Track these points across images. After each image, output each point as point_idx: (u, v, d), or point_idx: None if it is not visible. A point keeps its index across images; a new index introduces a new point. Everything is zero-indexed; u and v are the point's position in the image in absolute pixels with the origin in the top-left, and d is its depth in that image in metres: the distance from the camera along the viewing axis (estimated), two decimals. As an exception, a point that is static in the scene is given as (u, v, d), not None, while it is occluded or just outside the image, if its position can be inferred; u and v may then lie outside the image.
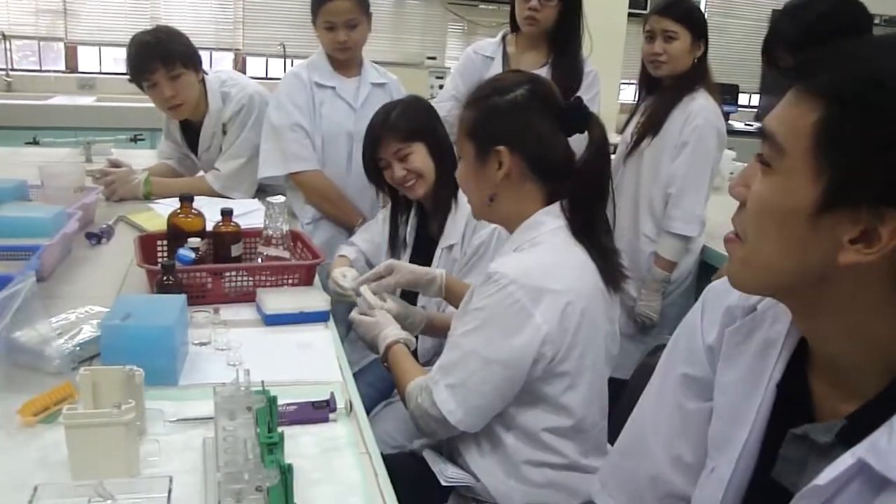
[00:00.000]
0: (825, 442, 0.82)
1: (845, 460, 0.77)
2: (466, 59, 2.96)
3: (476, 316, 1.50)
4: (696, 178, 2.70)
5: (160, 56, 2.56)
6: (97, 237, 2.22)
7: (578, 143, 1.58)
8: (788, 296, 0.86)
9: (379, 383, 2.13)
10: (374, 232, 2.38)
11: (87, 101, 4.66)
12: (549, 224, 1.55)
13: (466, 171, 1.61)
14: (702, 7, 5.63)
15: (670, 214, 2.73)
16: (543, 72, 2.73)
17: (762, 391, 0.92)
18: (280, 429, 1.13)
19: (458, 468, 1.60)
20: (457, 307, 1.76)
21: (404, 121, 2.12)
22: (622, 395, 1.62)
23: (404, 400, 1.63)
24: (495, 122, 1.55)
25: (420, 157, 2.11)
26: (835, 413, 0.85)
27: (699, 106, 2.68)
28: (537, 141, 1.55)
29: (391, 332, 1.74)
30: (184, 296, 1.57)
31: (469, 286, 1.84)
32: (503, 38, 2.93)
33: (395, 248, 2.27)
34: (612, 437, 1.40)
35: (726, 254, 0.90)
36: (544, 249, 1.52)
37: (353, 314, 1.85)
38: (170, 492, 1.01)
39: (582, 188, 1.55)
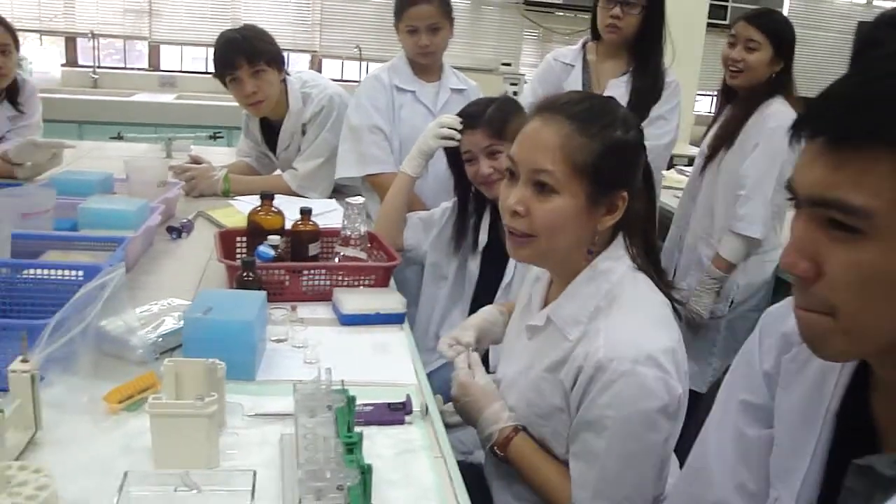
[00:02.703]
0: (892, 475, 0.79)
1: None
2: (546, 65, 2.94)
3: (609, 417, 1.28)
4: (763, 178, 2.64)
5: (245, 52, 2.61)
6: (178, 231, 2.26)
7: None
8: (873, 353, 0.81)
9: (448, 387, 2.11)
10: (427, 223, 2.35)
11: (168, 98, 4.79)
12: (616, 270, 1.37)
13: (567, 210, 1.32)
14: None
15: (736, 214, 2.68)
16: (624, 80, 2.70)
17: (820, 421, 0.90)
18: (357, 429, 1.13)
19: None
20: None
21: (501, 117, 2.08)
22: (697, 408, 1.57)
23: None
24: (622, 161, 1.35)
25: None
26: None
27: (774, 110, 2.65)
28: (639, 185, 1.40)
29: (500, 413, 1.48)
30: (264, 292, 1.58)
31: None
32: (583, 45, 2.89)
33: (458, 248, 2.24)
34: (684, 454, 1.36)
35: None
36: (631, 304, 1.34)
37: (456, 389, 1.59)
38: (254, 486, 1.02)
39: (643, 221, 1.41)
